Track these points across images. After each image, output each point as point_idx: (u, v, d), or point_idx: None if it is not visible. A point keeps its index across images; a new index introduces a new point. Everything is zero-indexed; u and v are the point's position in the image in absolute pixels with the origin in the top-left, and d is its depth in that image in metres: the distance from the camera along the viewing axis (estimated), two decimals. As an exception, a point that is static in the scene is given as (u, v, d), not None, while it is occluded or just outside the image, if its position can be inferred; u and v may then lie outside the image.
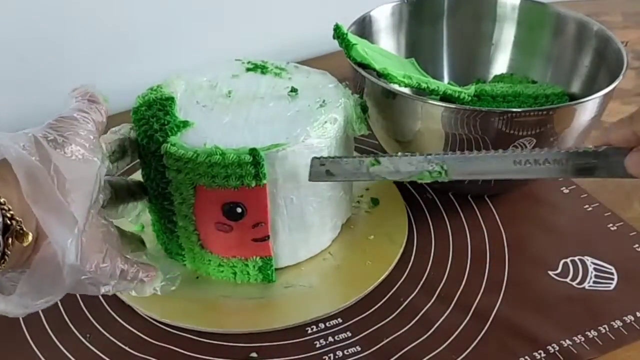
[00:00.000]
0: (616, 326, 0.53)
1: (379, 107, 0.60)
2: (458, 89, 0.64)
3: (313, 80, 0.60)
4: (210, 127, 0.54)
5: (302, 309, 0.54)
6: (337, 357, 0.51)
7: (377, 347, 0.52)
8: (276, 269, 0.57)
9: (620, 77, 0.58)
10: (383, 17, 0.71)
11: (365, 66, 0.60)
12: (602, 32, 0.66)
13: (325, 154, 0.54)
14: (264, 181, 0.51)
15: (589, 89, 0.62)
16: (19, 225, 0.36)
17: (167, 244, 0.58)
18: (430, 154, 0.49)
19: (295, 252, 0.58)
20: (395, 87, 0.60)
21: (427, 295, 0.56)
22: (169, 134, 0.52)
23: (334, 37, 0.63)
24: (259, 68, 0.62)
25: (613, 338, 0.52)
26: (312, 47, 0.88)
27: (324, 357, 0.51)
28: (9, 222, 0.36)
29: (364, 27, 0.65)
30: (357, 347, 0.52)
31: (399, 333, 0.53)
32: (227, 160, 0.50)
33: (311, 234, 0.57)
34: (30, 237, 0.37)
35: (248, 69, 0.62)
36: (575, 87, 0.68)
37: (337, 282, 0.57)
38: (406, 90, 0.67)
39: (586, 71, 0.67)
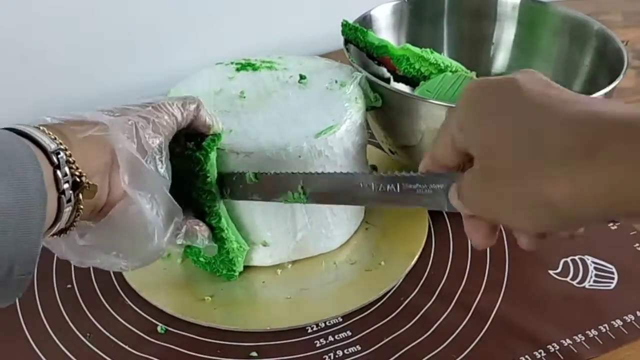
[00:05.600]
0: (616, 325, 0.53)
1: (379, 107, 0.60)
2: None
3: (310, 65, 0.61)
4: (250, 128, 0.53)
5: (303, 311, 0.54)
6: (337, 356, 0.51)
7: (377, 346, 0.52)
8: (277, 270, 0.57)
9: (621, 76, 0.58)
10: (383, 15, 0.71)
11: (381, 51, 0.62)
12: (602, 32, 0.66)
13: (365, 128, 0.56)
14: None
15: (589, 88, 0.62)
16: (87, 182, 0.40)
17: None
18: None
19: (302, 250, 0.57)
20: (395, 86, 0.60)
21: (427, 295, 0.56)
22: (209, 150, 0.50)
23: (343, 33, 0.63)
24: (249, 66, 0.61)
25: (613, 337, 0.52)
26: (312, 45, 0.88)
27: (324, 357, 0.51)
28: (78, 179, 0.39)
29: (365, 26, 0.65)
30: (357, 347, 0.52)
31: (399, 332, 0.52)
32: None
33: (329, 229, 0.57)
34: (96, 190, 0.41)
35: (238, 69, 0.61)
36: (575, 87, 0.67)
37: (344, 285, 0.56)
38: (406, 89, 0.67)
39: (586, 70, 0.67)
